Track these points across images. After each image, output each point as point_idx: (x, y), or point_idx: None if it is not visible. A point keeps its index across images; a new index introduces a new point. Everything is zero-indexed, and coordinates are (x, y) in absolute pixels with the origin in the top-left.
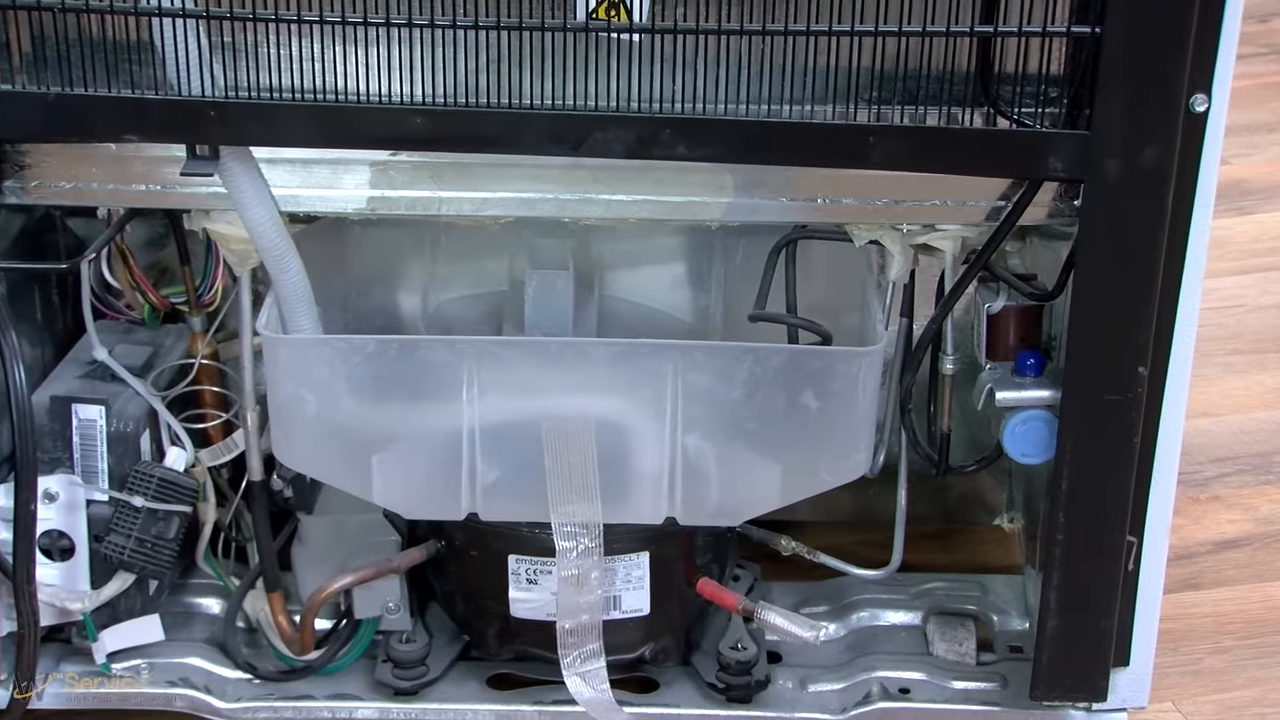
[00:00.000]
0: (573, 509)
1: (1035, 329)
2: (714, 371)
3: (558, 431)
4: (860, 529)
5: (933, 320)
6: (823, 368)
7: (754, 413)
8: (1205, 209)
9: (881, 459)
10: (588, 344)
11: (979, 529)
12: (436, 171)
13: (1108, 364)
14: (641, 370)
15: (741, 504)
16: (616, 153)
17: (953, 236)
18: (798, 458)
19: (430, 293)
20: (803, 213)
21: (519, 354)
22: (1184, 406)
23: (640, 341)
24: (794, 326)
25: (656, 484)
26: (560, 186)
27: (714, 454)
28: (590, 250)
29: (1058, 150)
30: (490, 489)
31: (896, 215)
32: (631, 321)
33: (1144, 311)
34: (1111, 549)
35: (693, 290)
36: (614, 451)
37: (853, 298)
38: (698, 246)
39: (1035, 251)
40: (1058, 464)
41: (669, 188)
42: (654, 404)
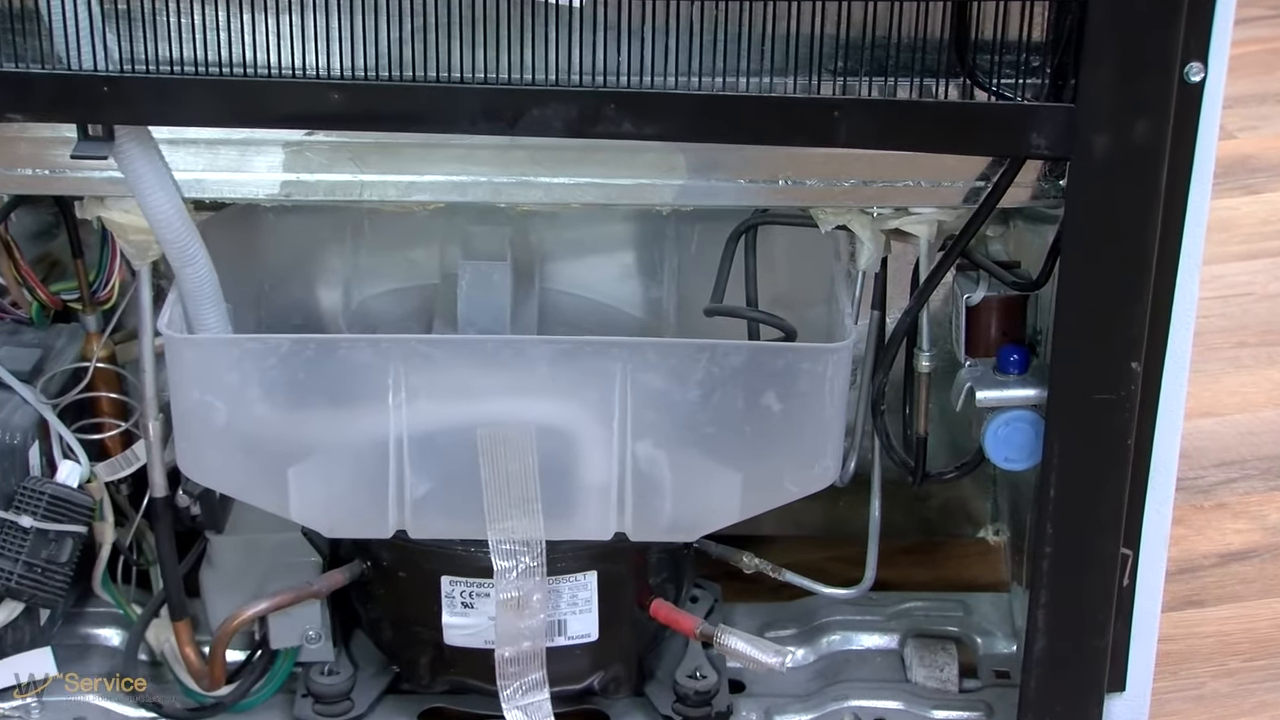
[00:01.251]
0: (512, 524)
1: (1019, 322)
2: (667, 371)
3: (495, 439)
4: (830, 544)
5: (907, 313)
6: (786, 366)
7: (711, 416)
8: (1203, 188)
9: (852, 466)
10: (527, 342)
11: (961, 543)
12: (357, 153)
13: (1098, 359)
14: (587, 370)
15: (699, 517)
16: (556, 130)
17: (928, 221)
18: (760, 465)
19: (352, 287)
20: (763, 196)
21: (451, 354)
22: (1182, 405)
23: (585, 339)
24: (754, 321)
25: (604, 496)
26: (495, 168)
27: (668, 462)
28: (529, 239)
29: (1041, 125)
30: (420, 503)
31: (865, 198)
32: (576, 317)
33: (1137, 301)
34: (1105, 563)
35: (643, 282)
36: (557, 461)
37: (819, 289)
38: (648, 234)
39: (1019, 237)
40: (1044, 470)
41: (616, 169)
42: (601, 408)
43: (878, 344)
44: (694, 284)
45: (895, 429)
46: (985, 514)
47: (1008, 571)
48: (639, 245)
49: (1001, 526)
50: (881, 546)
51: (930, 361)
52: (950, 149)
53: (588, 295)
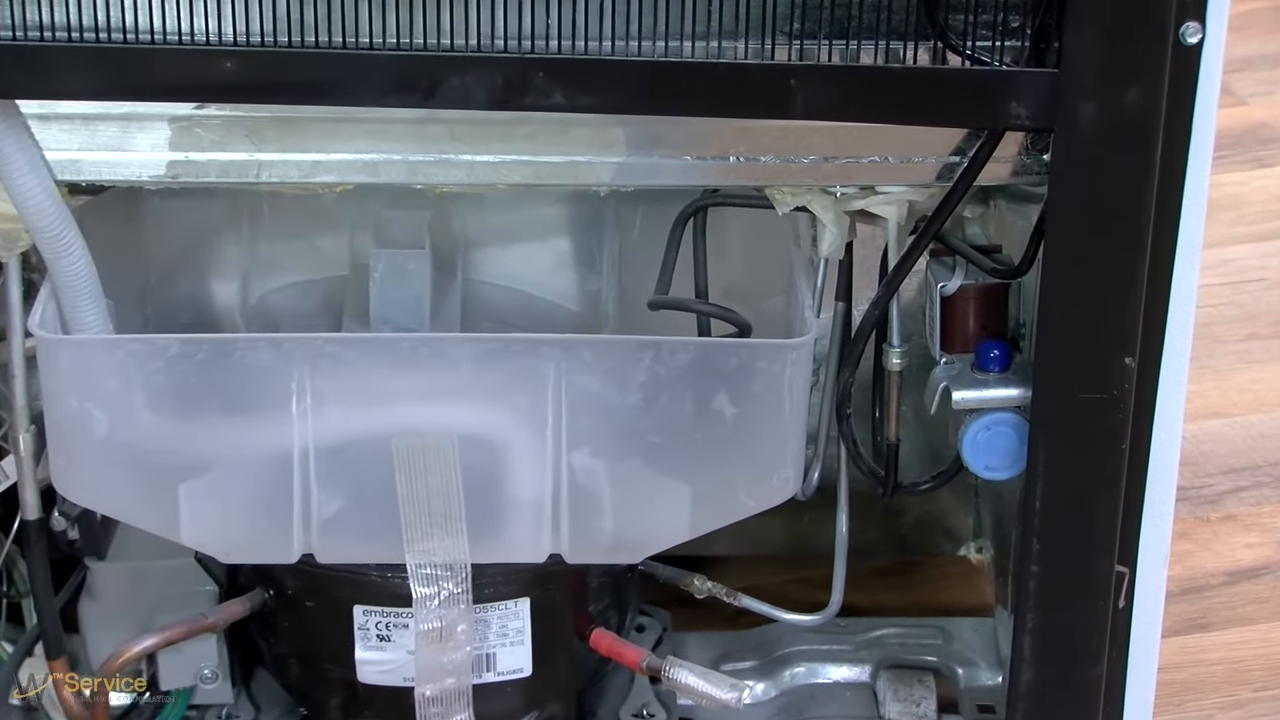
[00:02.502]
0: (433, 546)
1: (1000, 313)
2: (606, 372)
3: (412, 450)
4: (793, 564)
5: (874, 304)
6: (740, 365)
7: (656, 422)
8: (1202, 161)
9: (815, 478)
10: (448, 340)
11: (940, 562)
12: (254, 128)
13: (1087, 354)
14: (516, 372)
15: (643, 536)
16: (479, 102)
17: (897, 201)
18: (712, 477)
19: (250, 280)
20: (712, 174)
21: (362, 354)
22: (1182, 405)
23: (514, 336)
24: (704, 314)
25: (537, 513)
26: (410, 145)
27: (608, 474)
28: (450, 224)
29: (1021, 93)
30: (329, 524)
31: (827, 176)
32: (503, 311)
33: (1130, 289)
34: (1098, 583)
35: (579, 272)
36: (483, 474)
37: (776, 278)
38: (584, 218)
39: (1000, 218)
40: (1029, 479)
41: (546, 146)
42: (532, 413)
43: (843, 339)
44: (636, 274)
45: (864, 435)
46: (966, 529)
47: (992, 594)
48: (574, 231)
49: (985, 543)
50: (850, 567)
51: (901, 359)
52: (921, 120)
53: (516, 287)
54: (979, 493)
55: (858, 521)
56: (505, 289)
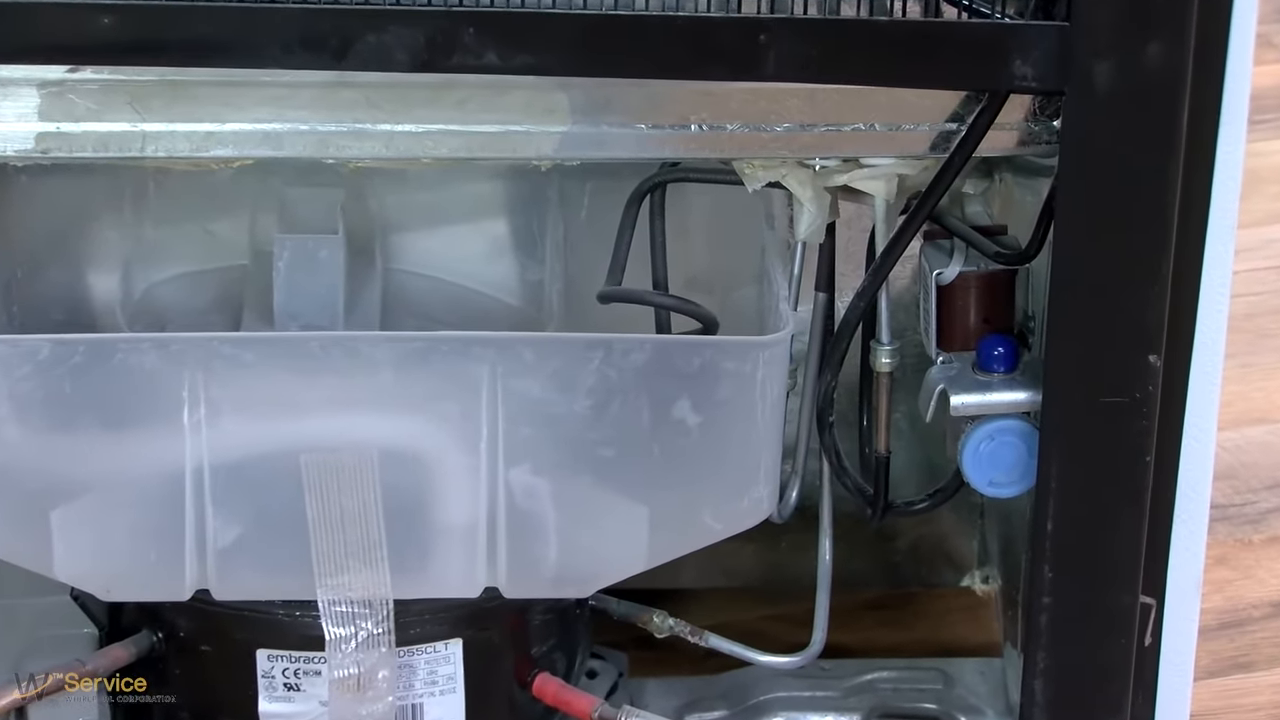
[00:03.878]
0: (349, 580)
1: (1005, 304)
2: (549, 375)
3: (325, 468)
4: (769, 598)
5: (860, 294)
6: (704, 366)
7: (608, 433)
8: (1236, 127)
9: (794, 497)
10: (365, 340)
11: (939, 593)
12: (137, 94)
13: (1105, 351)
14: (445, 376)
15: (594, 566)
16: (399, 64)
17: (885, 175)
18: (672, 497)
19: (134, 270)
20: (671, 145)
21: (265, 356)
22: (1215, 409)
23: (442, 335)
24: (663, 308)
25: (470, 540)
26: (320, 113)
27: (551, 494)
28: (367, 205)
29: (1027, 49)
30: (227, 554)
31: (804, 146)
32: (430, 306)
33: (1153, 275)
34: (1120, 616)
35: (518, 259)
36: (407, 495)
37: (746, 266)
38: (523, 197)
39: (1005, 194)
40: (1040, 496)
41: (478, 113)
42: (464, 424)
43: (824, 336)
44: (584, 261)
45: (849, 447)
46: (970, 556)
47: (1000, 630)
48: (511, 212)
49: (991, 572)
50: (836, 600)
51: (892, 358)
52: (912, 82)
53: (445, 278)
54: (984, 513)
55: (843, 547)
56: (432, 280)
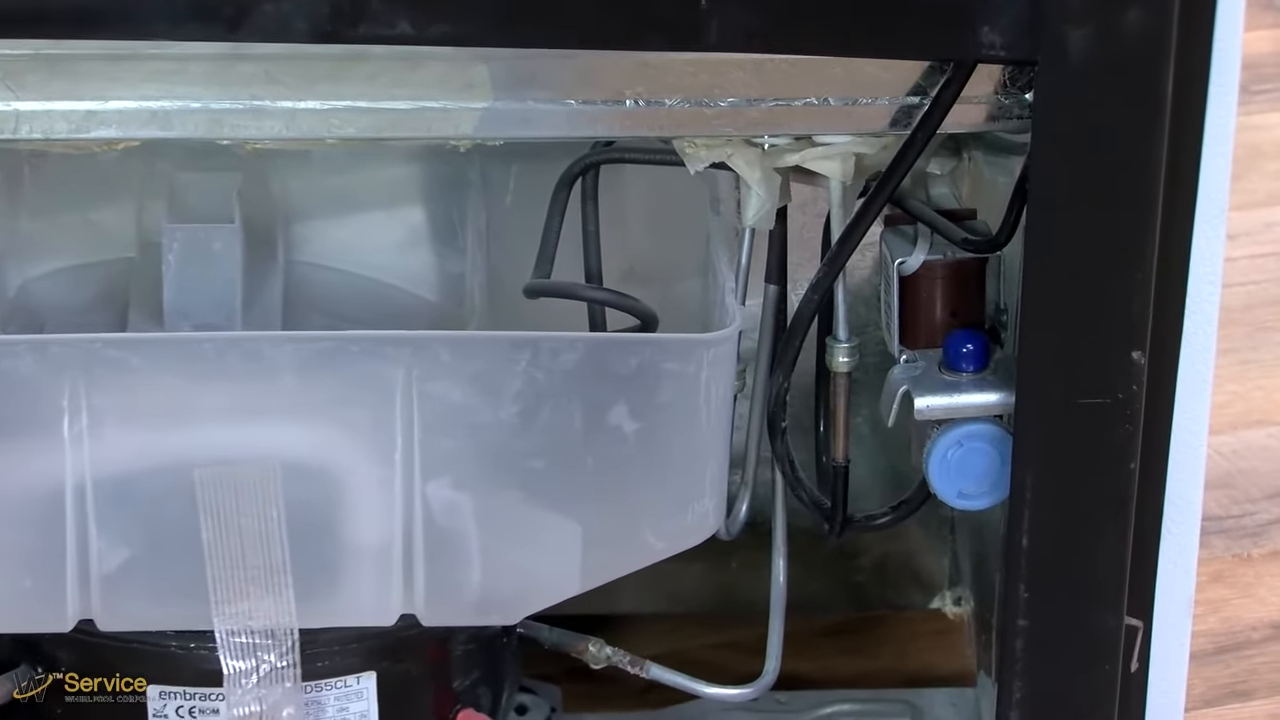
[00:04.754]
0: (249, 607)
1: (974, 296)
2: (471, 378)
3: (221, 484)
4: (718, 624)
5: (815, 287)
6: (643, 367)
7: (536, 443)
8: (1226, 98)
9: (744, 511)
10: (266, 340)
11: (907, 617)
12: (10, 70)
13: (1084, 348)
14: (354, 379)
15: (522, 589)
16: (300, 34)
17: (841, 154)
18: (608, 512)
19: (8, 266)
20: (604, 122)
21: (154, 359)
22: (1207, 411)
23: (350, 334)
24: (597, 303)
25: (384, 563)
26: (213, 90)
27: (474, 511)
28: (268, 191)
29: (994, 15)
30: (114, 581)
31: (751, 123)
32: (337, 302)
33: (1136, 264)
34: (1103, 641)
35: (435, 250)
36: (313, 513)
37: (689, 255)
38: (441, 181)
39: (975, 175)
40: (1014, 508)
41: (390, 88)
42: (376, 434)
43: (775, 333)
44: (509, 252)
45: (804, 455)
46: (940, 575)
47: (974, 657)
48: (428, 198)
49: (963, 593)
50: (792, 626)
51: (851, 357)
52: (869, 51)
53: (354, 270)
54: (955, 528)
55: (799, 567)
56: (340, 273)
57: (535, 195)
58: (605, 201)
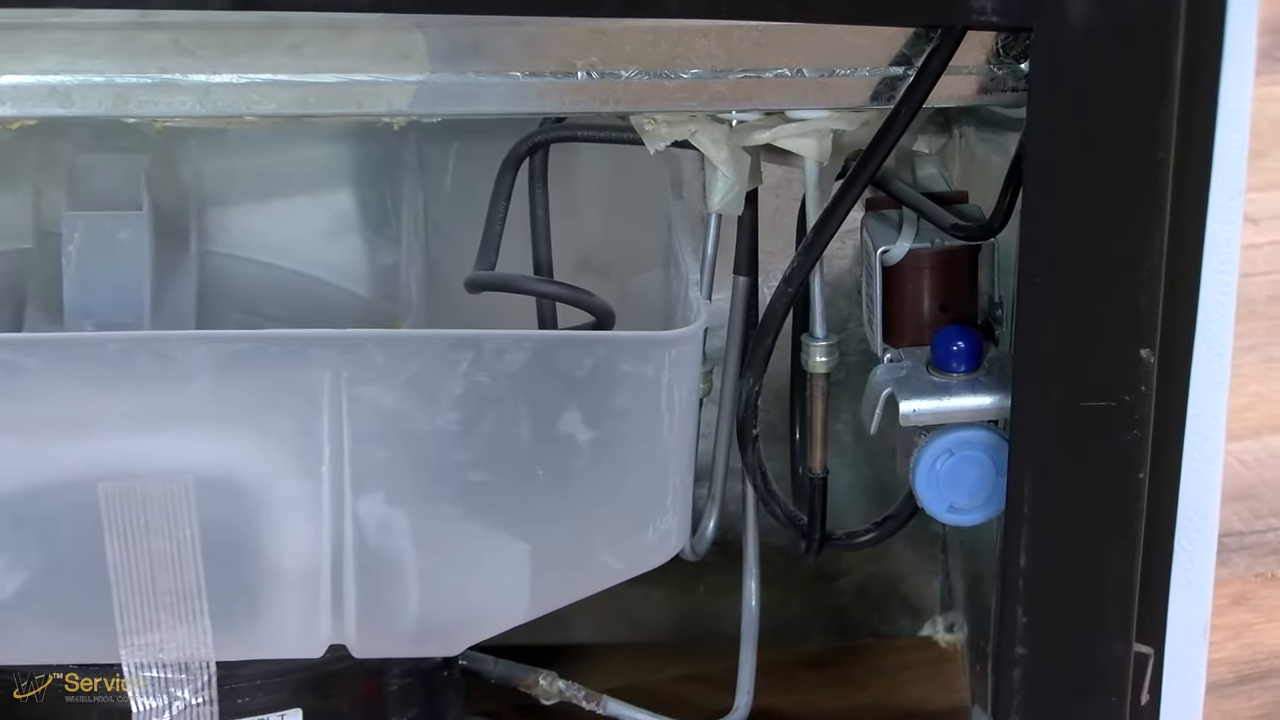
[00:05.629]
0: (160, 638)
1: (966, 289)
2: (406, 382)
3: (128, 500)
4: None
5: (789, 278)
6: (598, 369)
7: (479, 453)
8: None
9: (711, 528)
10: (178, 341)
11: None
12: None
13: (1087, 345)
14: (277, 384)
15: (464, 617)
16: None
17: (817, 131)
18: (560, 530)
19: None
20: (554, 97)
21: (52, 361)
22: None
23: (272, 333)
24: (546, 297)
25: (310, 588)
26: (119, 62)
27: (410, 530)
28: (179, 174)
29: None
30: (8, 608)
31: (717, 97)
32: (257, 297)
33: (1144, 252)
34: (1110, 669)
35: (367, 239)
36: (232, 532)
37: (649, 245)
38: (373, 163)
39: (966, 153)
40: (1010, 524)
41: (315, 60)
42: (301, 444)
43: (745, 330)
44: (449, 241)
45: (778, 466)
46: (930, 599)
47: (968, 689)
48: (358, 181)
49: (956, 619)
50: (767, 656)
51: (829, 356)
52: (847, 17)
53: (276, 262)
54: (946, 546)
55: (774, 591)
56: (259, 265)
57: (478, 178)
58: (555, 185)
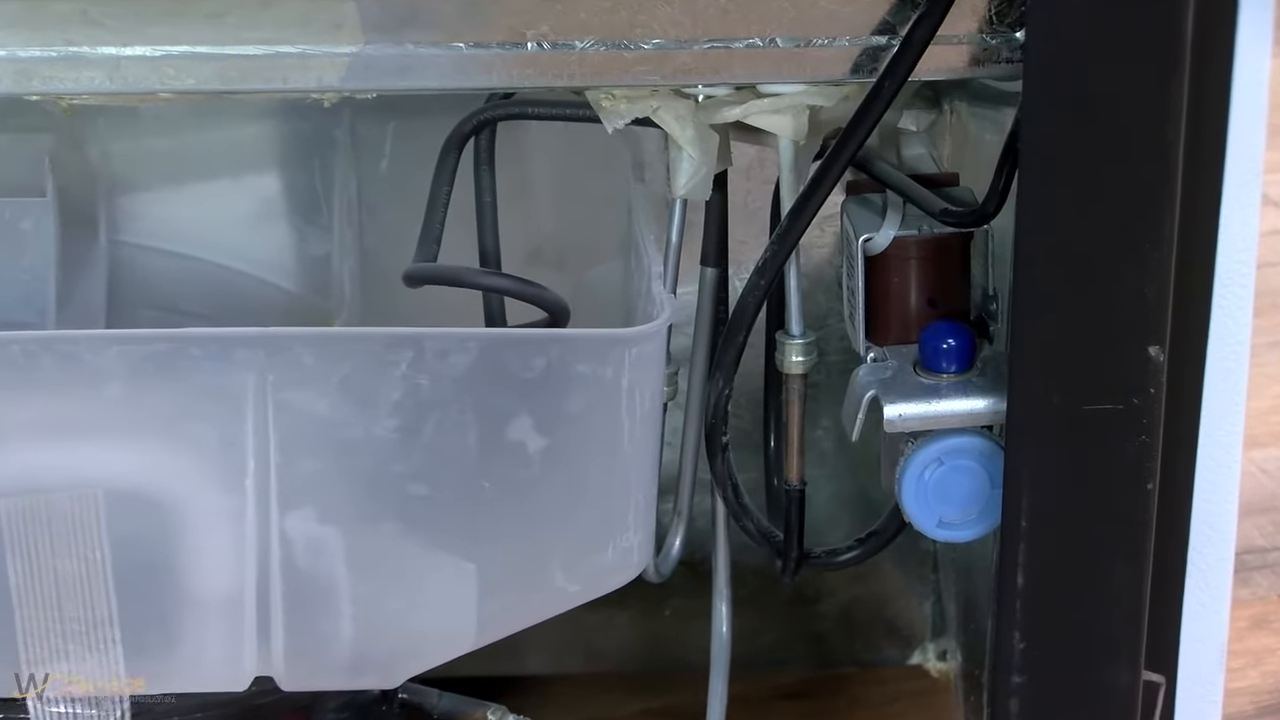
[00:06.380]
0: (69, 669)
1: (956, 281)
2: (338, 386)
3: (31, 517)
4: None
5: (761, 270)
6: (551, 370)
7: (420, 465)
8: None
9: (678, 546)
10: (86, 341)
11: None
12: None
13: (1090, 343)
14: (195, 388)
15: (404, 646)
16: None
17: (793, 107)
18: (510, 549)
19: None
20: (501, 70)
21: None
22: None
23: (192, 333)
24: (494, 292)
25: (234, 614)
26: (21, 34)
27: (343, 550)
28: (87, 157)
29: None
30: None
31: (681, 71)
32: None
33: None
34: (1117, 700)
35: (295, 228)
36: (147, 554)
37: (608, 233)
38: (302, 144)
39: (959, 131)
40: (1007, 540)
41: (238, 30)
42: (223, 455)
43: (714, 327)
44: (386, 229)
45: (752, 477)
46: (921, 624)
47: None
48: (286, 164)
49: (949, 645)
50: (740, 687)
51: (807, 355)
52: None
53: (195, 254)
54: (938, 565)
55: (749, 615)
56: (176, 257)
57: (417, 160)
58: (503, 167)
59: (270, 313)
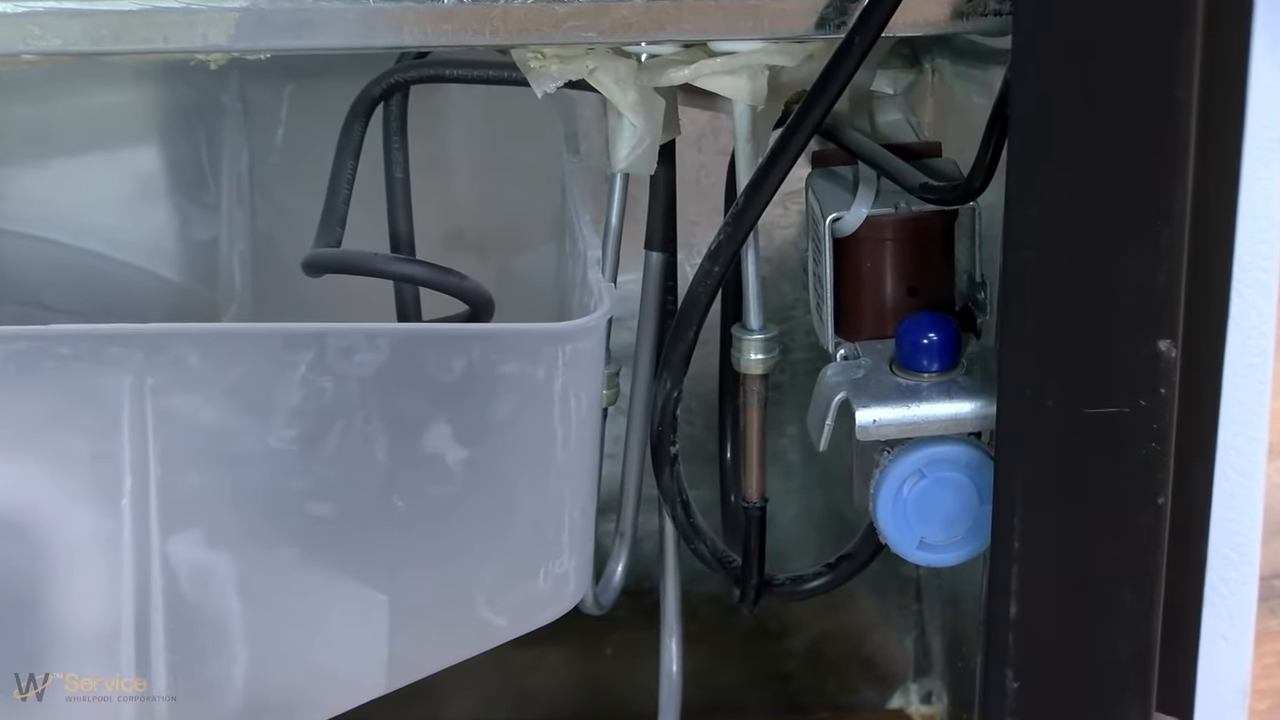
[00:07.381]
0: None
1: (939, 266)
2: (228, 391)
3: None
4: None
5: (714, 254)
6: (473, 371)
7: (322, 480)
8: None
9: (620, 573)
10: None
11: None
12: None
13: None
14: (63, 393)
15: (305, 689)
16: None
17: (749, 68)
18: (426, 577)
19: None
20: (413, 26)
21: None
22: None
23: (60, 330)
24: (407, 281)
25: (108, 651)
26: None
27: (234, 578)
28: None
29: None
30: None
31: (621, 26)
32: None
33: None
34: None
35: (178, 209)
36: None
37: (538, 214)
38: (185, 112)
39: (940, 95)
40: (997, 564)
41: None
42: (95, 470)
43: (660, 321)
44: (282, 210)
45: (705, 494)
46: (903, 661)
47: None
48: (166, 135)
49: (934, 686)
50: None
51: (768, 353)
52: None
53: (61, 239)
54: (921, 593)
55: (701, 652)
56: (42, 242)
57: (318, 130)
58: (418, 138)
59: (150, 306)
